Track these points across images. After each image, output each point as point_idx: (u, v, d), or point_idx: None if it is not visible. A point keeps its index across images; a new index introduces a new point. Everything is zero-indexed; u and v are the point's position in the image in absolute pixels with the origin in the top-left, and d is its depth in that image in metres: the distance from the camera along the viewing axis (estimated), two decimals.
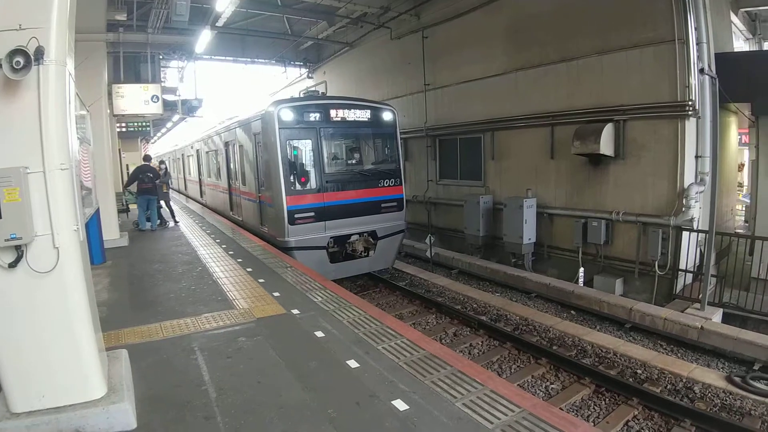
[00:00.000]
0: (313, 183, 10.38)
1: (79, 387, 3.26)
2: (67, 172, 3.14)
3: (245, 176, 12.69)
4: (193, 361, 4.41)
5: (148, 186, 12.59)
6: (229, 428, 3.32)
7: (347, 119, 10.91)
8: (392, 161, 11.73)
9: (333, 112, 10.71)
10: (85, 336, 3.26)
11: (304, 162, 10.42)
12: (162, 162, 17.07)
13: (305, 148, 10.48)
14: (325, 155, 10.60)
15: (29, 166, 2.99)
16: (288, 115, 10.11)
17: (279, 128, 9.94)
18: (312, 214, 10.21)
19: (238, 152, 13.15)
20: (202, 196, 20.56)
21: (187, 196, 24.81)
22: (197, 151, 20.45)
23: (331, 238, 10.47)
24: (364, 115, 11.20)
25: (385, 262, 11.83)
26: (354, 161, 11.35)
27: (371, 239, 11.06)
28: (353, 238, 10.82)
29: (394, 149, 11.78)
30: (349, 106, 11.06)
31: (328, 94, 17.38)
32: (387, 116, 11.54)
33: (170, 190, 15.17)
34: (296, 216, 10.02)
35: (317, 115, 10.50)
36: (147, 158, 13.89)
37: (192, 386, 3.93)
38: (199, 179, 20.75)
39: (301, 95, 13.86)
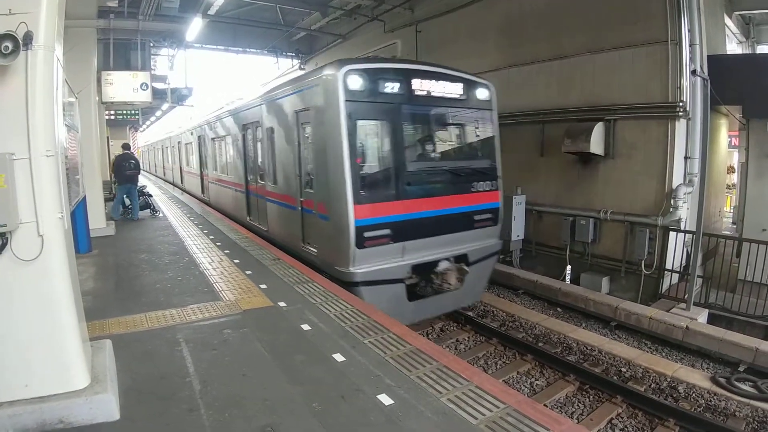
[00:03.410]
0: (388, 186, 7.20)
1: (63, 377, 3.23)
2: (52, 158, 3.10)
3: (277, 172, 9.29)
4: (178, 352, 4.38)
5: (133, 173, 12.58)
6: (213, 421, 3.30)
7: (433, 95, 7.67)
8: (488, 156, 8.65)
9: (417, 83, 7.44)
10: (69, 325, 3.23)
11: (380, 155, 7.46)
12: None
13: (380, 135, 7.43)
14: (406, 146, 7.56)
15: (15, 152, 2.95)
16: (357, 82, 6.81)
17: (345, 101, 6.70)
18: (387, 231, 7.06)
19: (266, 138, 9.68)
20: (203, 193, 17.08)
21: (183, 190, 21.22)
22: (199, 137, 17.01)
23: (411, 266, 7.39)
24: (456, 89, 7.99)
25: (475, 295, 8.87)
26: (439, 156, 8.08)
27: (464, 266, 7.93)
28: (441, 265, 7.68)
29: (492, 140, 8.69)
30: (437, 76, 7.77)
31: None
32: (483, 94, 8.40)
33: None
34: (366, 235, 6.87)
35: (396, 85, 7.24)
36: (126, 146, 13.67)
37: (176, 378, 3.90)
38: (201, 172, 17.21)
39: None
